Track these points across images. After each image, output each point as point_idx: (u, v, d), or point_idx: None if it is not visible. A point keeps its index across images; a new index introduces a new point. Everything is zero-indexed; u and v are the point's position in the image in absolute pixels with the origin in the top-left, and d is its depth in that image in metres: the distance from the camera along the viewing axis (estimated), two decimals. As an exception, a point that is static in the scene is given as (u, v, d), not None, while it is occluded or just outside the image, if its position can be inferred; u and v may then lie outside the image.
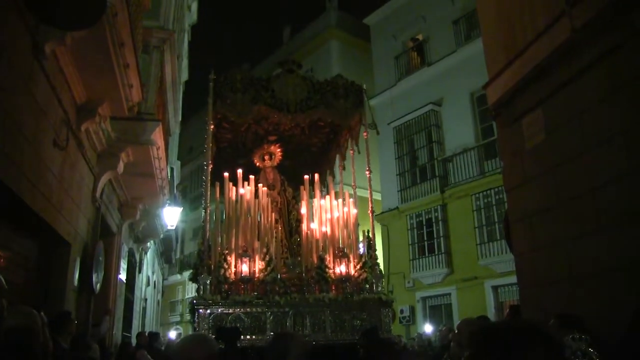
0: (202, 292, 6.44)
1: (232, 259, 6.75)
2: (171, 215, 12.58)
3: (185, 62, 17.36)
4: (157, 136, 7.26)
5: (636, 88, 3.75)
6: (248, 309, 6.52)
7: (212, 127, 7.39)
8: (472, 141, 15.83)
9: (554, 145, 4.71)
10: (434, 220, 16.45)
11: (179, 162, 19.88)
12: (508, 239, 5.78)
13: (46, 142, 4.90)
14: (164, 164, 8.62)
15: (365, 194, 7.79)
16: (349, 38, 23.27)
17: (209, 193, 7.09)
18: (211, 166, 7.27)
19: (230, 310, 6.48)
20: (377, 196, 18.34)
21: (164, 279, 21.50)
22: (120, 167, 7.17)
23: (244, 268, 6.69)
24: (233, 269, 6.69)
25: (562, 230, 4.56)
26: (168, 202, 11.62)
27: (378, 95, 19.26)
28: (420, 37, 18.88)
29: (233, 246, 6.89)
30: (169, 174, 10.98)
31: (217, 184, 7.58)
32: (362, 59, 21.36)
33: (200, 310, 6.40)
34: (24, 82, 4.22)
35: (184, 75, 17.65)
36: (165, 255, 18.72)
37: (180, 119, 17.09)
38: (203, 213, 7.05)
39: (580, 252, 4.32)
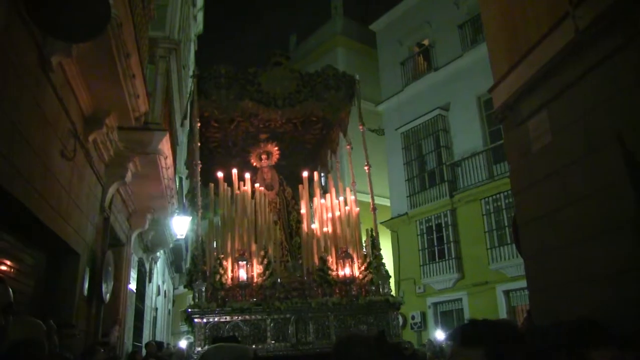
0: (197, 300, 6.15)
1: (228, 264, 6.41)
2: (180, 225, 12.57)
3: (191, 72, 17.44)
4: (165, 146, 7.27)
5: (641, 88, 3.72)
6: (247, 317, 6.22)
7: (198, 124, 7.14)
8: (480, 145, 15.78)
9: (560, 147, 4.68)
10: (443, 225, 16.41)
11: (187, 172, 19.92)
12: (517, 243, 5.74)
13: (54, 153, 4.93)
14: (172, 173, 8.64)
15: (367, 198, 7.54)
16: (355, 45, 23.36)
17: (199, 194, 6.85)
18: (200, 165, 7.04)
19: (228, 318, 6.19)
20: (386, 202, 18.35)
21: (174, 288, 21.51)
22: (129, 177, 7.18)
23: (241, 273, 6.34)
24: (230, 274, 6.36)
25: (571, 232, 4.52)
26: (177, 211, 11.64)
27: (385, 101, 19.29)
28: (426, 42, 18.90)
29: (229, 250, 6.56)
30: (177, 184, 11.01)
31: (212, 185, 7.30)
32: (369, 65, 21.40)
33: (196, 320, 6.11)
34: (31, 94, 4.25)
35: (190, 85, 17.71)
36: (175, 264, 18.72)
37: (187, 128, 17.14)
38: (196, 215, 6.82)
39: (590, 254, 4.28)
